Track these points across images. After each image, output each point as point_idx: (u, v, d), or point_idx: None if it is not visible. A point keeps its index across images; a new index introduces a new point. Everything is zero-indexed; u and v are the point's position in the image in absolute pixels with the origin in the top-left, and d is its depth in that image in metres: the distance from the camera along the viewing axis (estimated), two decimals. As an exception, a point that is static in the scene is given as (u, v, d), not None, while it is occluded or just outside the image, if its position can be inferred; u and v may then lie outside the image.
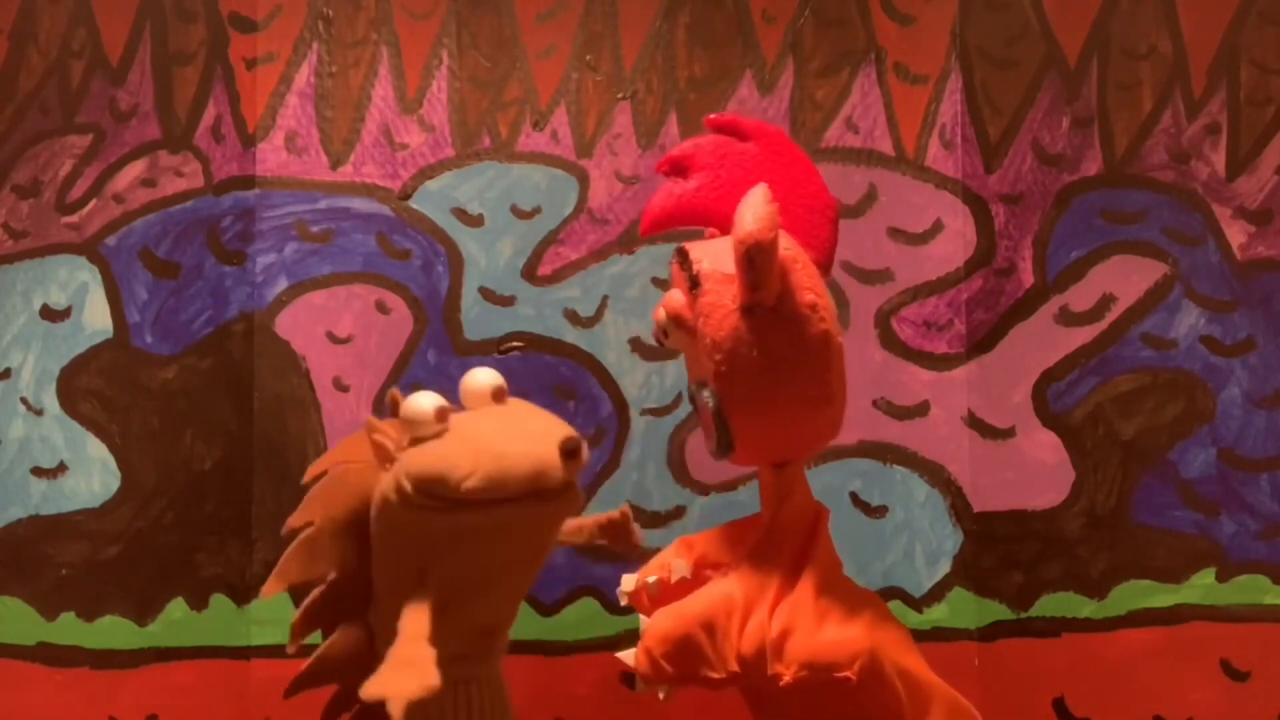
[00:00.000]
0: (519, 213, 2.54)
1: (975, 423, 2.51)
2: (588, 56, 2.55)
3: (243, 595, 2.46)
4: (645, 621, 1.85)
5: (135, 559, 2.46)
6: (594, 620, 2.48)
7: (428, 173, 2.53)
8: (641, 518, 2.46)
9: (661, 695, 1.83)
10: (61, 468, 2.48)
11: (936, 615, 2.49)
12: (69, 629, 2.45)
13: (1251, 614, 2.49)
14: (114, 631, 2.45)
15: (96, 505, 2.47)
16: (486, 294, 2.53)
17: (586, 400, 2.51)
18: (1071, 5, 2.55)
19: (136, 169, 2.51)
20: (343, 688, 1.86)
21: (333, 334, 2.50)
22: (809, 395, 1.86)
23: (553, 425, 1.73)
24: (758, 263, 1.75)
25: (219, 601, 2.46)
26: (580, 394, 2.51)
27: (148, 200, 2.51)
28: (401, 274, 2.52)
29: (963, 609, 2.49)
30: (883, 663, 1.82)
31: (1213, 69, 2.54)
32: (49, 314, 2.50)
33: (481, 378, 1.81)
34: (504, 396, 1.81)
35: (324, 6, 2.53)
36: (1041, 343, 2.53)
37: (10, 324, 2.49)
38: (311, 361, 2.49)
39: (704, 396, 1.87)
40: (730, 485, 2.48)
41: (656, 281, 2.50)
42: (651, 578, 1.94)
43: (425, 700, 1.56)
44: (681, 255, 1.90)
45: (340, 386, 2.49)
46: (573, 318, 2.53)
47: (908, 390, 2.51)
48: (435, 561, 1.72)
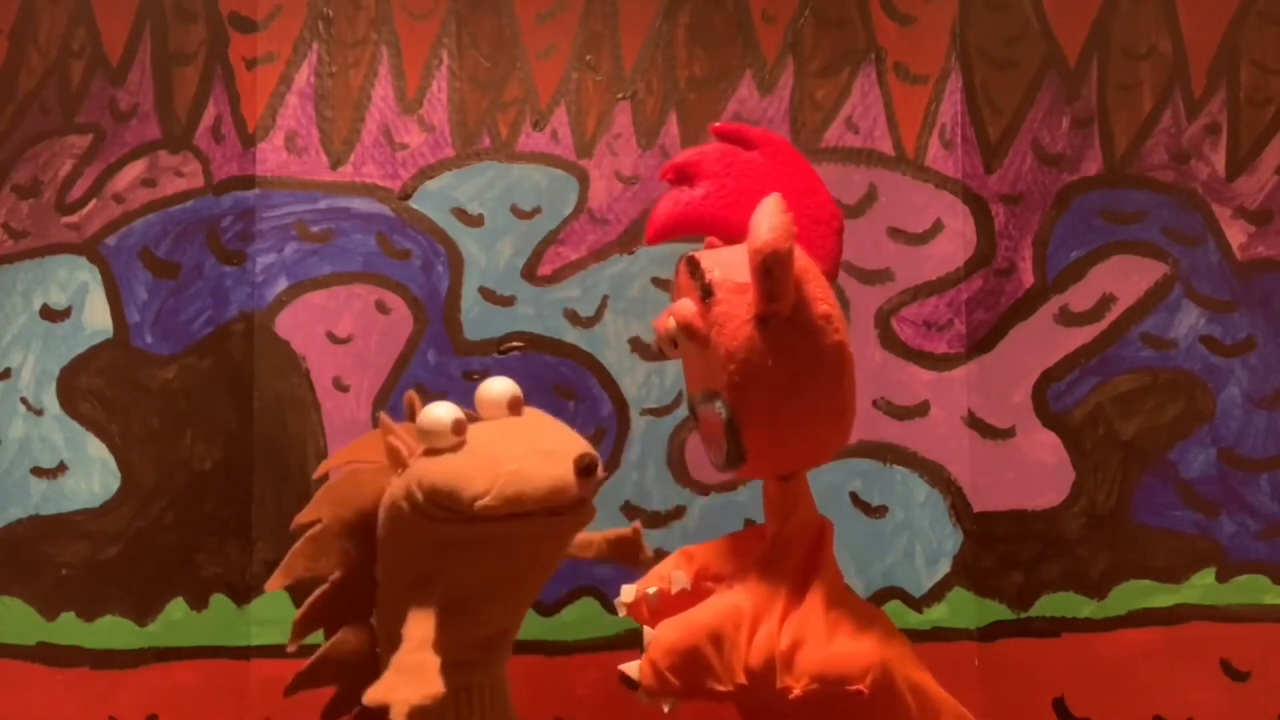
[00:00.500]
0: (519, 213, 2.53)
1: (975, 423, 2.51)
2: (588, 56, 2.55)
3: (243, 595, 2.45)
4: (649, 633, 1.81)
5: (135, 559, 2.46)
6: (594, 620, 2.47)
7: (428, 173, 2.53)
8: (641, 518, 2.46)
9: (666, 708, 1.79)
10: (61, 468, 2.48)
11: (936, 615, 2.48)
12: (69, 629, 2.45)
13: (1251, 614, 2.49)
14: (114, 631, 2.45)
15: (96, 505, 2.47)
16: (486, 294, 2.52)
17: (586, 400, 2.51)
18: (1071, 5, 2.55)
19: (136, 169, 2.51)
20: (343, 689, 1.86)
21: (333, 334, 2.50)
22: (824, 407, 1.84)
23: (568, 441, 1.73)
24: (775, 273, 1.73)
25: (219, 601, 2.46)
26: (580, 394, 2.51)
27: (148, 200, 2.51)
28: (401, 274, 2.52)
29: (963, 609, 2.49)
30: (894, 676, 1.80)
31: (1213, 69, 2.54)
32: (49, 314, 2.49)
33: (498, 387, 1.81)
34: (520, 407, 1.81)
35: (324, 6, 2.53)
36: (1041, 343, 2.53)
37: (10, 324, 2.49)
38: (311, 361, 2.49)
39: (715, 408, 1.83)
40: (730, 485, 2.48)
41: (657, 281, 2.50)
42: (652, 589, 1.91)
43: (428, 707, 1.56)
44: (692, 264, 1.86)
45: (340, 386, 2.49)
46: (573, 318, 2.53)
47: (908, 390, 2.51)
48: (442, 569, 1.72)
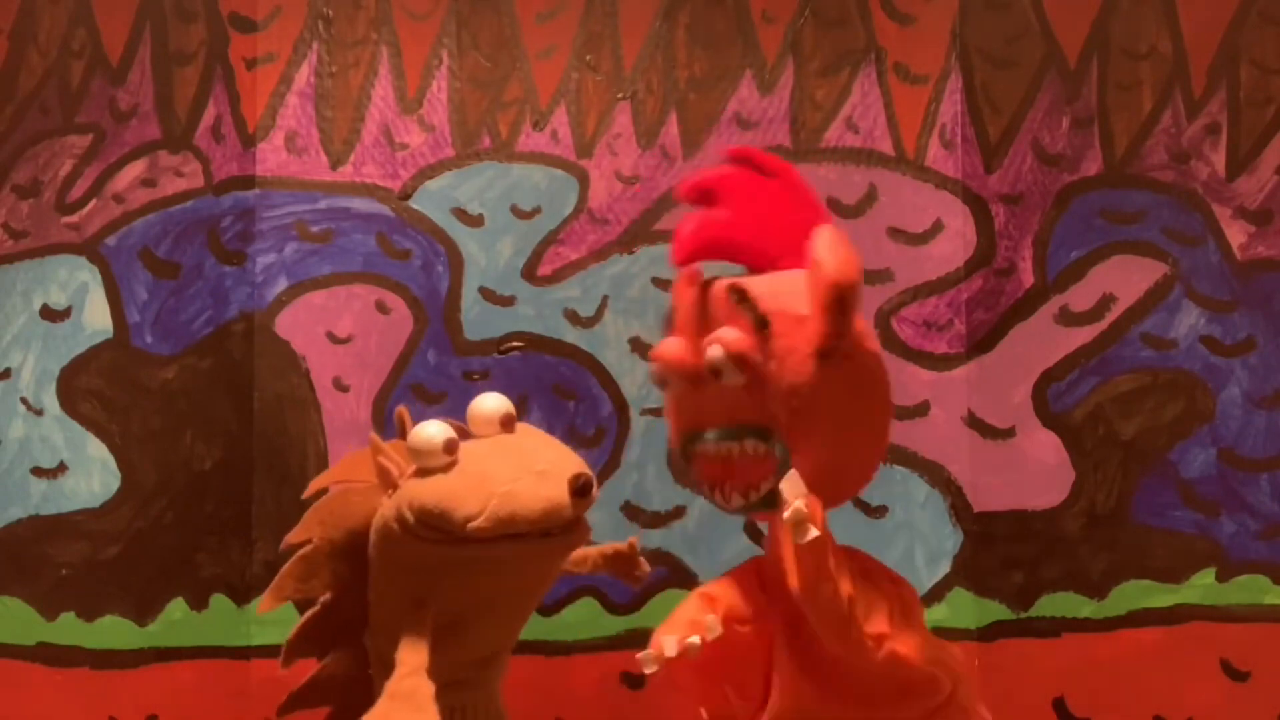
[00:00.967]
0: (519, 213, 2.53)
1: (975, 423, 2.51)
2: (588, 56, 2.55)
3: (243, 595, 2.45)
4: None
5: (135, 559, 2.46)
6: (594, 620, 2.47)
7: (428, 173, 2.53)
8: (641, 518, 2.46)
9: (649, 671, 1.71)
10: (61, 468, 2.48)
11: (936, 615, 2.48)
12: (69, 629, 2.45)
13: (1251, 614, 2.49)
14: (114, 631, 2.45)
15: (96, 505, 2.47)
16: (486, 294, 2.52)
17: (586, 400, 2.51)
18: (1071, 5, 2.55)
19: (136, 169, 2.51)
20: (336, 710, 1.86)
21: (333, 334, 2.50)
22: (874, 443, 1.83)
23: (563, 460, 1.71)
24: (848, 307, 1.69)
25: (219, 601, 2.46)
26: (580, 394, 2.51)
27: (148, 200, 2.51)
28: (401, 274, 2.52)
29: (963, 609, 2.49)
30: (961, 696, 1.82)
31: (1213, 69, 2.54)
32: (49, 314, 2.50)
33: (490, 404, 1.77)
34: (513, 424, 1.78)
35: (324, 6, 2.53)
36: (1041, 343, 2.52)
37: (10, 324, 2.49)
38: (311, 361, 2.49)
39: (763, 446, 1.74)
40: (730, 485, 2.48)
41: (656, 281, 2.49)
42: (694, 638, 1.74)
43: None
44: (739, 292, 1.76)
45: (340, 386, 2.49)
46: (573, 318, 2.53)
47: (908, 390, 2.51)
48: (434, 590, 1.69)
